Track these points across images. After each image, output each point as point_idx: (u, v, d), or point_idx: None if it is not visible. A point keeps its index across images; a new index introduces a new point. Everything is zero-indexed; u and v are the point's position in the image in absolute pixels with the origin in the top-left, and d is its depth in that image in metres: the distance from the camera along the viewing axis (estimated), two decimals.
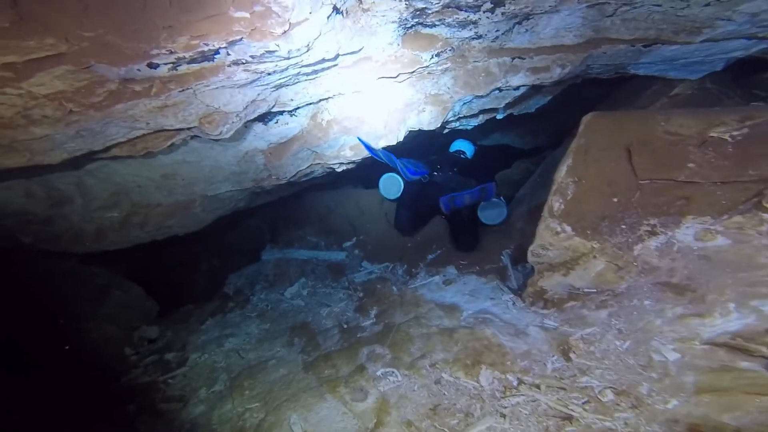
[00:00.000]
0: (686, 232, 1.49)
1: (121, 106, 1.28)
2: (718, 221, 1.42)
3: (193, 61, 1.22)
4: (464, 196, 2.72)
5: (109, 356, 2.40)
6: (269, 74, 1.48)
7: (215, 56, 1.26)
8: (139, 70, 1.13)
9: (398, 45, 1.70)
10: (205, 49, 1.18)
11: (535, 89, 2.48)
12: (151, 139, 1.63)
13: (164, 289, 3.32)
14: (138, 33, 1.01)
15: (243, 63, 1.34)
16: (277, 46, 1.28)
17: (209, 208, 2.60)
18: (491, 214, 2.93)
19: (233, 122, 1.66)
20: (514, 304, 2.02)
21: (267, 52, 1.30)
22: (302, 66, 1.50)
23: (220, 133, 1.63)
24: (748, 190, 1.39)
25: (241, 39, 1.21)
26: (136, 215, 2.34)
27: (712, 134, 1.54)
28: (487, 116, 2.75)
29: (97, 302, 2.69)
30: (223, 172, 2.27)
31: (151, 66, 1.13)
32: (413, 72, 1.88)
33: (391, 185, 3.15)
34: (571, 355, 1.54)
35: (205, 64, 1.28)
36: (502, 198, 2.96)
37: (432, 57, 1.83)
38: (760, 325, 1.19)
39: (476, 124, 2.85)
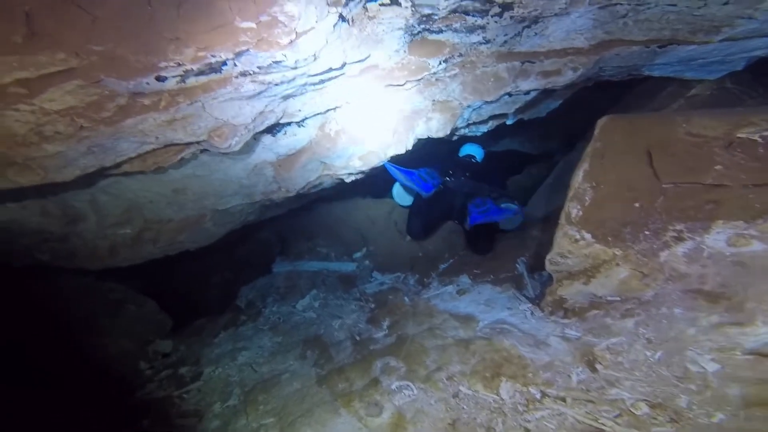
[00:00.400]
0: (717, 238, 1.41)
1: (131, 121, 1.28)
2: (751, 225, 1.34)
3: (200, 73, 1.22)
4: (491, 220, 2.72)
5: (125, 370, 2.40)
6: (277, 85, 1.48)
7: (222, 68, 1.26)
8: (147, 83, 1.13)
9: (405, 52, 1.68)
10: (212, 60, 1.18)
11: (545, 93, 2.44)
12: (161, 153, 1.64)
13: (176, 303, 3.32)
14: (146, 45, 1.01)
15: (250, 74, 1.34)
16: (284, 56, 1.27)
17: (220, 222, 2.60)
18: (507, 218, 2.89)
19: (242, 134, 1.65)
20: (532, 313, 1.94)
21: (274, 62, 1.29)
22: (309, 76, 1.49)
23: (230, 146, 1.63)
24: None
25: (247, 50, 1.20)
26: (149, 231, 2.34)
27: (740, 135, 1.47)
28: (496, 122, 2.71)
29: (112, 317, 2.70)
30: (233, 186, 2.26)
31: (159, 79, 1.13)
32: (421, 79, 1.86)
33: (405, 192, 3.13)
34: (597, 366, 1.46)
35: (213, 76, 1.28)
36: (516, 203, 2.94)
37: (440, 63, 1.81)
38: None
39: (486, 130, 2.82)
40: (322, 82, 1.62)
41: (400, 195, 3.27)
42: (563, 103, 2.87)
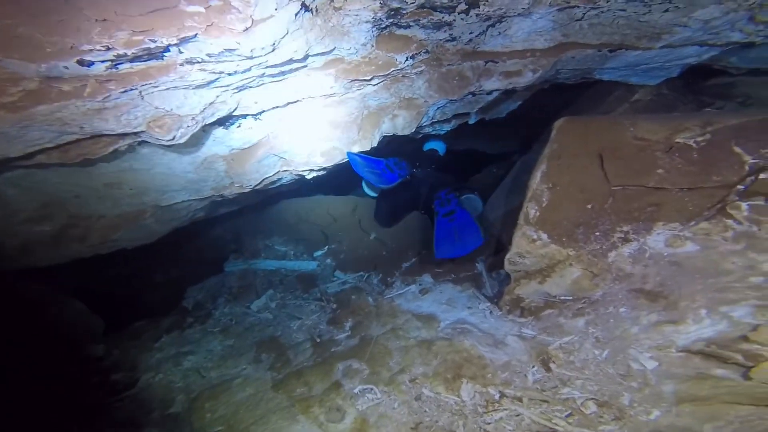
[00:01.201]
0: (657, 239, 1.52)
1: (45, 108, 1.08)
2: (686, 227, 1.46)
3: (136, 58, 1.05)
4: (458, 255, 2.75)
5: (49, 379, 2.13)
6: (230, 75, 1.35)
7: (164, 54, 1.11)
8: (66, 67, 0.95)
9: (372, 46, 1.61)
10: (152, 46, 1.02)
11: (506, 94, 2.49)
12: (88, 145, 1.42)
13: (115, 305, 3.04)
14: (62, 25, 0.84)
15: (198, 62, 1.20)
16: (238, 44, 1.15)
17: (163, 219, 2.35)
18: (467, 208, 3.07)
19: (188, 126, 1.49)
20: (491, 312, 1.99)
21: (226, 50, 1.16)
22: (267, 66, 1.37)
23: (173, 138, 1.46)
24: (713, 197, 1.43)
25: (195, 35, 1.07)
26: (75, 228, 2.05)
27: (678, 140, 1.58)
28: (459, 121, 2.73)
29: (33, 320, 2.38)
30: (179, 181, 2.05)
31: (82, 63, 0.95)
32: (388, 75, 1.79)
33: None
34: (551, 366, 1.53)
35: (153, 63, 1.12)
36: (476, 194, 3.11)
37: (407, 59, 1.76)
38: (732, 331, 1.22)
39: (449, 128, 2.83)
40: (282, 74, 1.50)
41: (370, 186, 3.29)
42: (521, 104, 2.95)
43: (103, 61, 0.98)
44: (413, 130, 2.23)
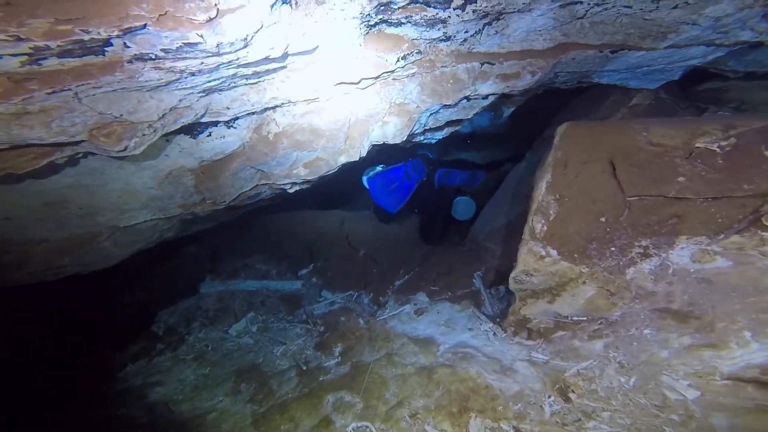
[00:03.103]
0: (681, 254, 1.38)
1: None
2: (714, 241, 1.33)
3: (66, 53, 0.84)
4: (457, 175, 3.15)
5: None
6: (194, 75, 1.14)
7: (106, 49, 0.89)
8: None
9: (360, 45, 1.43)
10: (86, 38, 0.81)
11: (501, 99, 2.35)
12: (10, 157, 1.16)
13: (74, 328, 2.73)
14: None
15: (152, 59, 0.99)
16: (201, 37, 0.95)
17: (123, 241, 2.08)
18: (461, 209, 3.18)
19: (145, 135, 1.27)
20: (494, 334, 1.83)
21: (186, 44, 0.96)
22: (239, 66, 1.18)
23: (125, 149, 1.23)
24: (745, 207, 1.30)
25: (143, 27, 0.87)
26: (7, 254, 1.76)
27: (698, 145, 1.46)
28: (452, 128, 2.57)
29: None
30: (140, 198, 1.80)
31: None
32: (377, 77, 1.62)
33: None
34: (571, 395, 1.37)
35: (91, 59, 0.91)
36: (470, 197, 3.17)
37: (398, 60, 1.59)
38: None
39: (441, 137, 2.66)
40: (257, 74, 1.30)
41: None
42: (513, 111, 2.83)
43: (14, 55, 0.76)
44: (405, 139, 2.06)
